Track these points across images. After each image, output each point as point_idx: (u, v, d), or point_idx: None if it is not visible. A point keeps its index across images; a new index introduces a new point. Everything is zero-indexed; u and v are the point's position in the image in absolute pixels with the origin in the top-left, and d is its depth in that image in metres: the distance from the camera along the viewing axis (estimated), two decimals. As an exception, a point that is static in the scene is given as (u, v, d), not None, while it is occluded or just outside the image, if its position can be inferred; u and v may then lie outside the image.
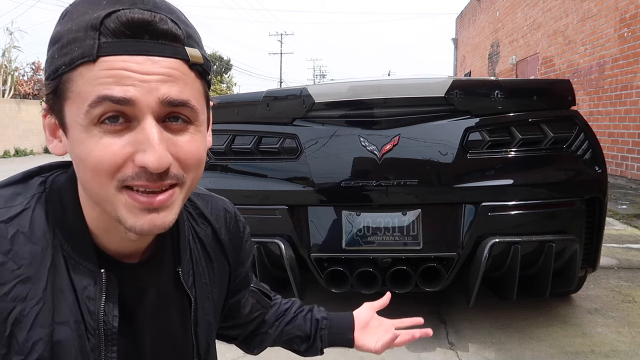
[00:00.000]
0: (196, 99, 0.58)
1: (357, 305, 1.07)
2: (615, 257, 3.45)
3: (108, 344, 0.61)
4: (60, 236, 0.61)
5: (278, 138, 2.12)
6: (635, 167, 6.84)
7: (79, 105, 0.53)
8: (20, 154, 15.94)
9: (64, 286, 0.59)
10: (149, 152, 0.53)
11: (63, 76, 0.54)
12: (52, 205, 0.62)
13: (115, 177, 0.54)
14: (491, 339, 2.16)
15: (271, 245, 2.03)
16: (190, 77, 0.57)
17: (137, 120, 0.54)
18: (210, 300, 0.78)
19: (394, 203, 2.01)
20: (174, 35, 0.55)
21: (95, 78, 0.52)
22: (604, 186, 2.08)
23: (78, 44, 0.52)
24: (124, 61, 0.52)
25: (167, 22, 0.54)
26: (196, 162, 0.59)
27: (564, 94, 2.12)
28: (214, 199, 0.85)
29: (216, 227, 0.81)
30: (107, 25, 0.52)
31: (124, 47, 0.52)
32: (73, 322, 0.59)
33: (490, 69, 15.68)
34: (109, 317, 0.61)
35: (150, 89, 0.53)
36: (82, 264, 0.61)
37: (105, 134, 0.53)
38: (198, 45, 0.59)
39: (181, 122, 0.57)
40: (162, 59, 0.54)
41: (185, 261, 0.73)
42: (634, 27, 6.95)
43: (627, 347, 2.06)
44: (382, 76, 4.73)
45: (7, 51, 17.60)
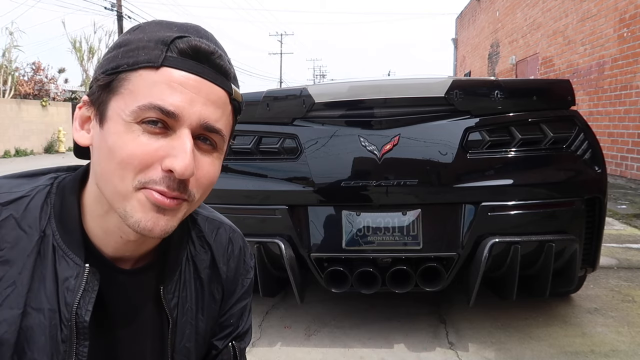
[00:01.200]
0: (227, 129, 0.64)
1: (357, 305, 1.07)
2: (615, 257, 3.45)
3: (80, 338, 0.62)
4: (54, 226, 0.63)
5: (278, 138, 2.12)
6: (635, 167, 6.85)
7: (128, 102, 0.58)
8: (20, 154, 15.94)
9: (47, 274, 0.61)
10: (180, 158, 0.57)
11: (122, 74, 0.59)
12: (54, 198, 0.65)
13: (138, 175, 0.58)
14: (491, 339, 2.16)
15: (271, 245, 2.03)
16: (228, 109, 0.64)
17: (174, 130, 0.59)
18: (192, 327, 0.76)
19: (393, 203, 2.01)
20: (226, 70, 0.62)
21: (153, 83, 0.58)
22: (604, 186, 2.08)
23: (146, 51, 0.59)
24: (182, 76, 0.59)
25: (224, 59, 0.62)
26: (209, 184, 0.64)
27: (564, 94, 2.12)
28: (224, 227, 0.84)
29: (216, 254, 0.80)
30: (177, 45, 0.59)
31: (186, 65, 0.59)
32: (48, 310, 0.61)
33: (490, 69, 15.68)
34: (82, 311, 0.62)
35: (195, 107, 0.59)
36: (68, 256, 0.63)
37: (144, 133, 0.58)
38: (238, 88, 0.67)
39: (209, 145, 0.63)
40: (212, 85, 0.61)
41: (171, 281, 0.72)
42: (633, 27, 6.95)
43: (626, 347, 2.06)
44: (382, 76, 4.73)
45: (8, 51, 17.59)
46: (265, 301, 2.60)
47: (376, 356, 2.04)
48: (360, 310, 2.46)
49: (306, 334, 2.26)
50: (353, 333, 2.24)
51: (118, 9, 17.73)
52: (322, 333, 2.26)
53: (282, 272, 2.09)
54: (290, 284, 2.04)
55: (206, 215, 0.82)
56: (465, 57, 19.97)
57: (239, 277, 0.84)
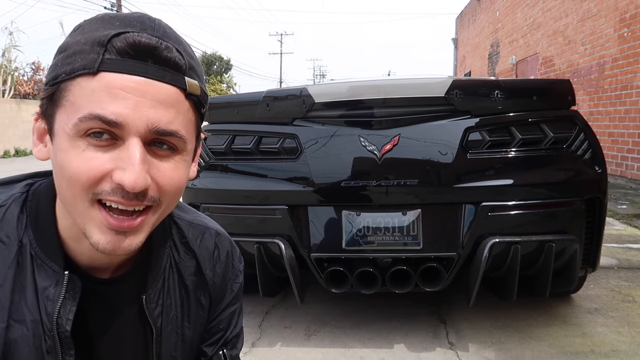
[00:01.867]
0: (186, 129, 0.59)
1: (357, 305, 1.07)
2: (615, 257, 3.45)
3: (64, 347, 0.61)
4: (31, 234, 0.62)
5: (278, 138, 2.12)
6: (635, 167, 6.85)
7: (70, 115, 0.54)
8: (20, 154, 15.94)
9: (26, 284, 0.60)
10: (129, 171, 0.53)
11: (62, 84, 0.55)
12: (30, 205, 0.63)
13: (90, 190, 0.55)
14: (491, 339, 2.16)
15: (271, 245, 2.03)
16: (184, 107, 0.58)
17: (123, 139, 0.54)
18: (178, 335, 0.74)
19: (394, 203, 2.01)
20: (175, 63, 0.56)
21: (91, 91, 0.53)
22: (604, 186, 2.08)
23: (82, 56, 0.54)
24: (122, 80, 0.53)
25: (172, 51, 0.56)
26: (175, 190, 0.60)
27: (564, 94, 2.12)
28: (209, 231, 0.80)
29: (201, 260, 0.77)
30: (114, 44, 0.54)
31: (125, 66, 0.54)
32: (30, 322, 0.59)
33: (490, 69, 15.68)
34: (63, 320, 0.60)
35: (141, 112, 0.54)
36: (47, 264, 0.61)
37: (89, 147, 0.54)
38: (199, 79, 0.60)
39: (167, 149, 0.58)
40: (160, 83, 0.55)
41: (154, 289, 0.70)
42: (633, 27, 6.95)
43: (627, 347, 2.06)
44: (382, 76, 4.73)
45: (7, 51, 17.60)
46: (265, 301, 2.60)
47: (376, 356, 2.04)
48: (360, 310, 2.46)
49: (306, 334, 2.26)
50: (353, 333, 2.24)
51: (118, 9, 17.74)
52: (322, 333, 2.26)
53: (282, 272, 2.09)
54: (290, 284, 2.04)
55: (190, 220, 0.79)
56: (466, 57, 19.97)
57: (227, 282, 0.81)
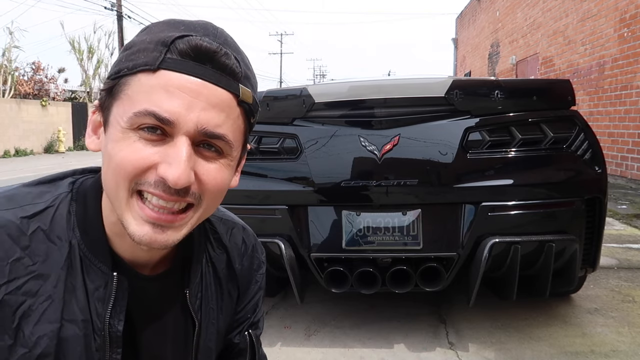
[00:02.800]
0: (234, 134, 0.61)
1: (357, 305, 1.07)
2: (615, 257, 3.45)
3: (113, 346, 0.62)
4: (78, 235, 0.63)
5: (278, 138, 2.12)
6: (635, 167, 6.85)
7: (126, 109, 0.56)
8: (20, 154, 15.94)
9: (77, 285, 0.61)
10: (174, 167, 0.55)
11: (122, 78, 0.57)
12: (76, 206, 0.64)
13: (133, 180, 0.57)
14: (491, 339, 2.16)
15: (271, 245, 2.03)
16: (235, 112, 0.60)
17: (172, 136, 0.56)
18: (214, 326, 0.77)
19: (394, 203, 2.01)
20: (232, 70, 0.58)
21: (150, 87, 0.56)
22: (604, 186, 2.08)
23: (145, 54, 0.56)
24: (180, 79, 0.56)
25: (231, 58, 0.58)
26: (217, 191, 0.62)
27: (564, 94, 2.12)
28: (237, 227, 0.84)
29: (232, 254, 0.81)
30: (177, 45, 0.56)
31: (185, 66, 0.56)
32: (81, 321, 0.61)
33: (490, 69, 15.68)
34: (115, 321, 0.62)
35: (193, 113, 0.56)
36: (96, 265, 0.62)
37: (140, 139, 0.56)
38: (253, 89, 0.62)
39: (214, 151, 0.60)
40: (214, 87, 0.57)
41: (194, 284, 0.73)
42: (633, 27, 6.95)
43: (627, 347, 2.06)
44: (382, 76, 4.73)
45: (8, 51, 17.60)
46: (265, 301, 2.60)
47: (376, 356, 2.04)
48: (360, 310, 2.46)
49: (306, 334, 2.26)
50: (353, 333, 2.23)
51: (118, 9, 17.73)
52: (322, 333, 2.26)
53: (282, 272, 2.09)
54: (290, 284, 2.04)
55: (219, 216, 0.82)
56: (466, 57, 19.97)
57: (253, 273, 0.85)
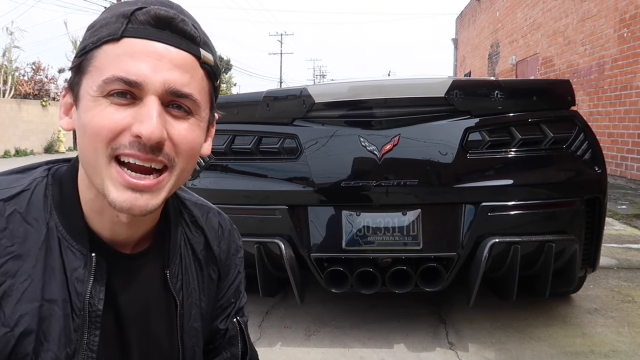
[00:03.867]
0: (200, 94, 0.63)
1: (357, 305, 1.07)
2: (615, 257, 3.45)
3: (91, 327, 0.63)
4: (56, 218, 0.64)
5: (278, 138, 2.12)
6: (635, 167, 6.85)
7: (95, 78, 0.59)
8: (20, 154, 15.94)
9: (55, 266, 0.62)
10: (146, 123, 0.57)
11: (89, 53, 0.60)
12: (52, 189, 0.66)
13: (109, 145, 0.58)
14: (491, 339, 2.16)
15: (271, 245, 2.03)
16: (199, 74, 0.63)
17: (142, 99, 0.59)
18: (197, 307, 0.78)
19: (394, 203, 2.01)
20: (191, 35, 0.62)
21: (116, 55, 0.59)
22: (604, 186, 2.08)
23: (107, 27, 0.60)
24: (143, 44, 0.59)
25: (188, 24, 0.62)
26: (189, 150, 0.63)
27: (564, 94, 2.12)
28: (212, 212, 0.86)
29: (209, 236, 0.82)
30: (137, 16, 0.59)
31: (146, 33, 0.59)
32: (61, 301, 0.62)
33: (490, 69, 15.68)
34: (95, 300, 0.63)
35: (159, 73, 0.59)
36: (74, 246, 0.63)
37: (111, 105, 0.59)
38: (212, 53, 0.65)
39: (183, 111, 0.62)
40: (177, 50, 0.60)
41: (174, 264, 0.74)
42: (633, 27, 6.95)
43: (627, 347, 2.06)
44: (382, 76, 4.73)
45: (8, 51, 17.59)
46: (265, 301, 2.60)
47: (376, 356, 2.04)
48: (360, 310, 2.46)
49: (306, 334, 2.26)
50: (353, 333, 2.23)
51: (118, 9, 17.69)
52: (322, 333, 2.26)
53: (282, 272, 2.09)
54: (290, 284, 2.04)
55: (194, 201, 0.84)
56: (466, 57, 19.97)
57: (231, 257, 0.86)
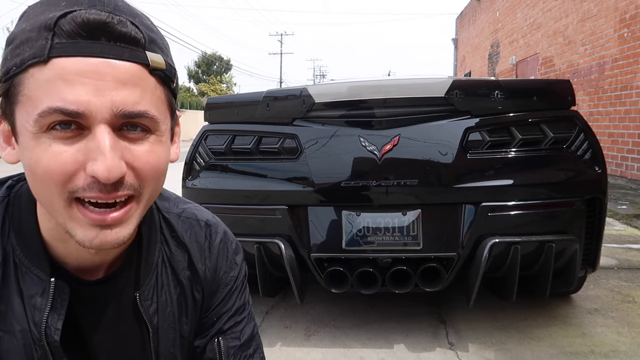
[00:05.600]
0: (156, 107, 0.55)
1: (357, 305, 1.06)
2: (615, 257, 3.45)
3: (56, 356, 0.58)
4: (13, 241, 0.59)
5: (278, 138, 2.12)
6: (635, 168, 6.84)
7: (29, 111, 0.50)
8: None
9: (11, 294, 0.58)
10: (100, 161, 0.50)
11: (14, 78, 0.51)
12: (12, 210, 0.61)
13: (66, 187, 0.51)
14: (491, 339, 2.16)
15: (271, 245, 2.03)
16: (150, 84, 0.54)
17: (89, 128, 0.51)
18: (176, 331, 0.71)
19: (394, 203, 2.01)
20: (133, 38, 0.52)
21: (46, 81, 0.49)
22: (604, 186, 2.08)
23: (30, 45, 0.50)
24: (77, 63, 0.49)
25: (127, 25, 0.51)
26: (154, 174, 0.56)
27: (564, 94, 2.12)
28: (200, 224, 0.76)
29: (193, 254, 0.74)
30: (62, 26, 0.49)
31: (77, 48, 0.49)
32: (19, 332, 0.57)
33: (490, 69, 15.68)
34: (51, 330, 0.58)
35: (103, 97, 0.50)
36: (32, 272, 0.59)
37: (55, 140, 0.50)
38: (162, 51, 0.56)
39: (140, 131, 0.54)
40: (118, 62, 0.51)
41: (147, 286, 0.68)
42: (633, 27, 6.94)
43: (627, 347, 2.06)
44: (382, 76, 4.73)
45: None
46: (265, 301, 2.60)
47: (376, 356, 2.04)
48: (360, 310, 2.46)
49: (306, 334, 2.26)
50: (353, 333, 2.23)
51: (118, 9, 17.71)
52: (322, 333, 2.26)
53: (282, 272, 2.09)
54: (290, 284, 2.04)
55: (177, 213, 0.75)
56: (466, 57, 19.97)
57: (220, 274, 0.77)
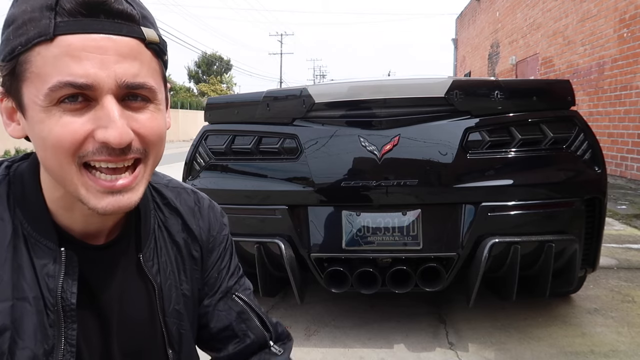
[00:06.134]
0: (153, 78, 0.60)
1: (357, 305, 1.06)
2: (614, 257, 3.45)
3: (67, 321, 0.62)
4: (20, 215, 0.62)
5: (278, 138, 2.12)
6: (635, 168, 6.85)
7: (38, 87, 0.54)
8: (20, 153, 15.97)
9: (23, 263, 0.61)
10: (111, 128, 0.54)
11: (20, 57, 0.54)
12: (14, 187, 0.64)
13: (76, 154, 0.56)
14: (491, 339, 2.16)
15: (271, 245, 2.03)
16: (147, 56, 0.59)
17: (96, 100, 0.55)
18: (178, 289, 0.76)
19: (393, 203, 2.01)
20: (128, 14, 0.56)
21: (54, 58, 0.53)
22: (604, 186, 2.08)
23: (34, 24, 0.53)
24: (82, 40, 0.53)
25: (122, 3, 0.56)
26: (157, 138, 0.61)
27: (564, 94, 2.12)
28: (186, 191, 0.84)
29: (186, 217, 0.81)
30: (63, 5, 0.53)
31: (80, 26, 0.53)
32: (32, 298, 0.60)
33: (490, 69, 15.68)
34: (67, 294, 0.62)
35: (108, 69, 0.54)
36: (41, 242, 0.62)
37: (65, 112, 0.54)
38: (153, 26, 0.60)
39: (140, 100, 0.59)
40: (118, 37, 0.55)
41: (148, 248, 0.73)
42: (633, 27, 6.95)
43: (626, 347, 2.06)
44: (382, 76, 4.73)
45: (7, 51, 17.57)
46: (265, 301, 2.60)
47: (376, 356, 2.04)
48: (360, 310, 2.46)
49: (306, 334, 2.26)
50: (353, 333, 2.24)
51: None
52: (322, 333, 2.26)
53: (282, 272, 2.09)
54: (290, 284, 2.04)
55: (164, 183, 0.82)
56: (466, 57, 19.97)
57: (213, 233, 0.84)
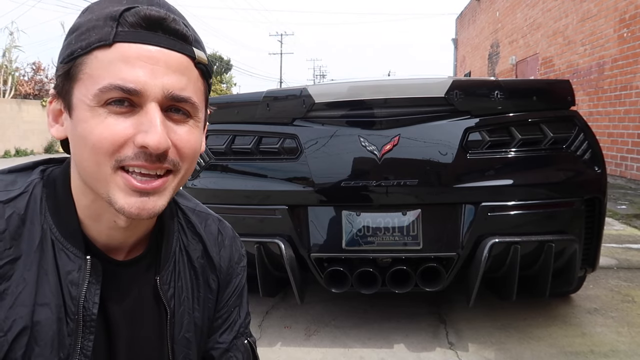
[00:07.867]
0: (197, 96, 0.62)
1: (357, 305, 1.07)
2: (614, 257, 3.45)
3: (86, 331, 0.62)
4: (50, 220, 0.63)
5: (278, 138, 2.12)
6: (635, 168, 6.85)
7: (88, 87, 0.57)
8: (20, 154, 15.93)
9: (48, 269, 0.61)
10: (151, 133, 0.56)
11: (78, 59, 0.58)
12: (47, 191, 0.65)
13: (113, 156, 0.57)
14: (491, 339, 2.17)
15: (271, 245, 2.03)
16: (194, 75, 0.62)
17: (141, 106, 0.58)
18: (190, 317, 0.75)
19: (393, 203, 2.01)
20: (183, 34, 0.60)
21: (109, 62, 0.57)
22: (604, 186, 2.08)
23: (96, 31, 0.57)
24: (137, 49, 0.57)
25: (179, 23, 0.60)
26: (192, 153, 0.63)
27: (564, 94, 2.12)
28: (212, 218, 0.84)
29: (208, 244, 0.80)
30: (126, 18, 0.57)
31: (139, 36, 0.57)
32: (54, 305, 0.61)
33: (490, 69, 15.68)
34: (89, 304, 0.62)
35: (157, 79, 0.57)
36: (68, 249, 0.63)
37: (110, 114, 0.57)
38: (203, 50, 0.64)
39: (182, 114, 0.61)
40: (171, 52, 0.59)
41: (166, 271, 0.73)
42: (633, 27, 6.95)
43: (626, 347, 2.07)
44: (382, 76, 4.73)
45: (8, 51, 17.57)
46: (265, 301, 2.60)
47: (376, 356, 2.04)
48: (360, 310, 2.46)
49: (306, 334, 2.26)
50: (353, 333, 2.24)
51: (118, 9, 17.66)
52: (322, 333, 2.26)
53: (282, 272, 2.09)
54: (290, 284, 2.04)
55: (192, 207, 0.82)
56: (466, 57, 19.97)
57: (233, 265, 0.84)
